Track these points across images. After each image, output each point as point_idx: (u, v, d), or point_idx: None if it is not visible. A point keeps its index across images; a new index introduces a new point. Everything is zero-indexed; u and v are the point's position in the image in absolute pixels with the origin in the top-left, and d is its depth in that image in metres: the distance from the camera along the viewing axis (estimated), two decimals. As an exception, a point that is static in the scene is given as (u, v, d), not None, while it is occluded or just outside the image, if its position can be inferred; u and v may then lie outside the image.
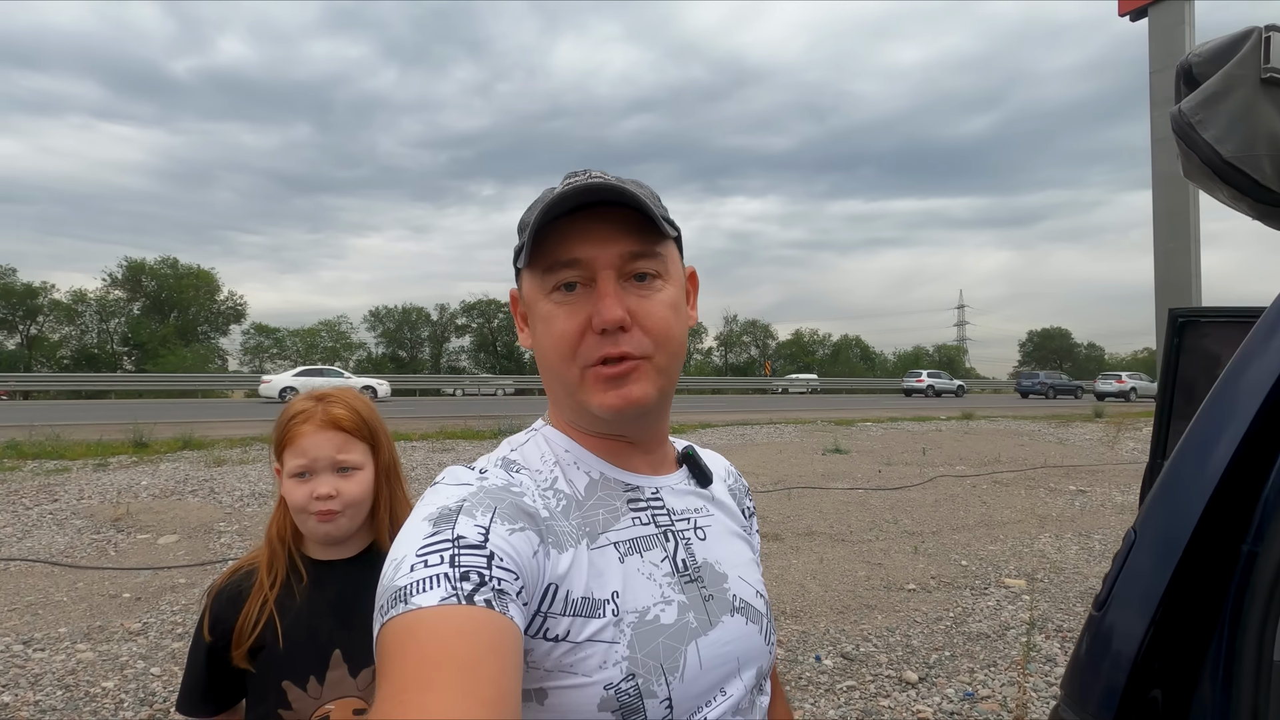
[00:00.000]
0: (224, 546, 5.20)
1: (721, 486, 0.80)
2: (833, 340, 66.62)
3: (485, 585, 0.52)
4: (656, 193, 0.72)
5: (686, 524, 0.72)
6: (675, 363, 0.68)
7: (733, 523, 0.78)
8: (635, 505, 0.69)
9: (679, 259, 0.71)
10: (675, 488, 0.74)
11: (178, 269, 46.17)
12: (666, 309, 0.66)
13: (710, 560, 0.71)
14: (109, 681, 3.06)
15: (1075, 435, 13.50)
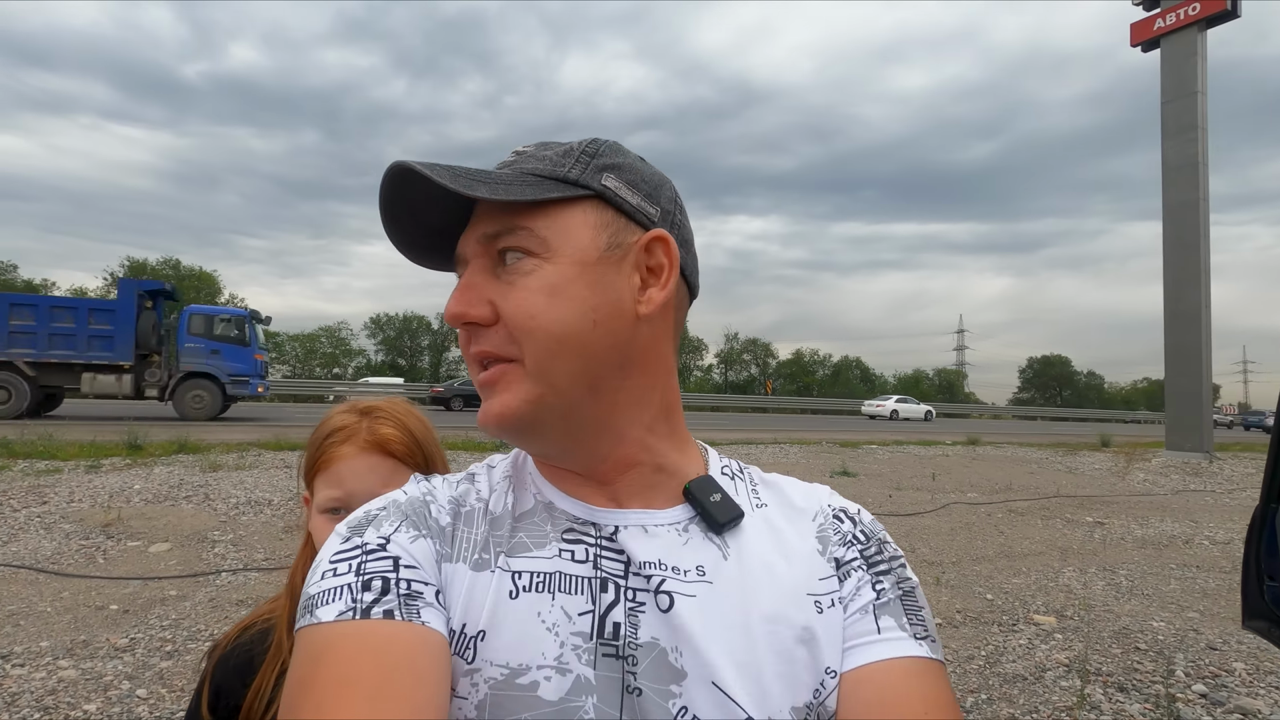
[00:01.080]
0: (218, 557, 5.00)
1: (768, 533, 0.56)
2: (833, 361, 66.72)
3: (389, 593, 0.47)
4: (601, 144, 0.56)
5: (644, 581, 0.52)
6: (559, 363, 0.51)
7: (767, 594, 0.52)
8: (573, 538, 0.54)
9: (594, 226, 0.53)
10: (651, 527, 0.54)
11: (180, 270, 46.13)
12: (534, 294, 0.51)
13: (667, 642, 0.50)
14: (91, 704, 2.85)
15: (1083, 464, 13.31)
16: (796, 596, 0.53)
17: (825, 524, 0.58)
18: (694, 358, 61.10)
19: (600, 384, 0.53)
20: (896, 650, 0.51)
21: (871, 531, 0.59)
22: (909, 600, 0.55)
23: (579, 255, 0.52)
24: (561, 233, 0.52)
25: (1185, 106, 14.65)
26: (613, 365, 0.53)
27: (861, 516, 0.60)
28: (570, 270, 0.51)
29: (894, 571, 0.56)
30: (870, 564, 0.56)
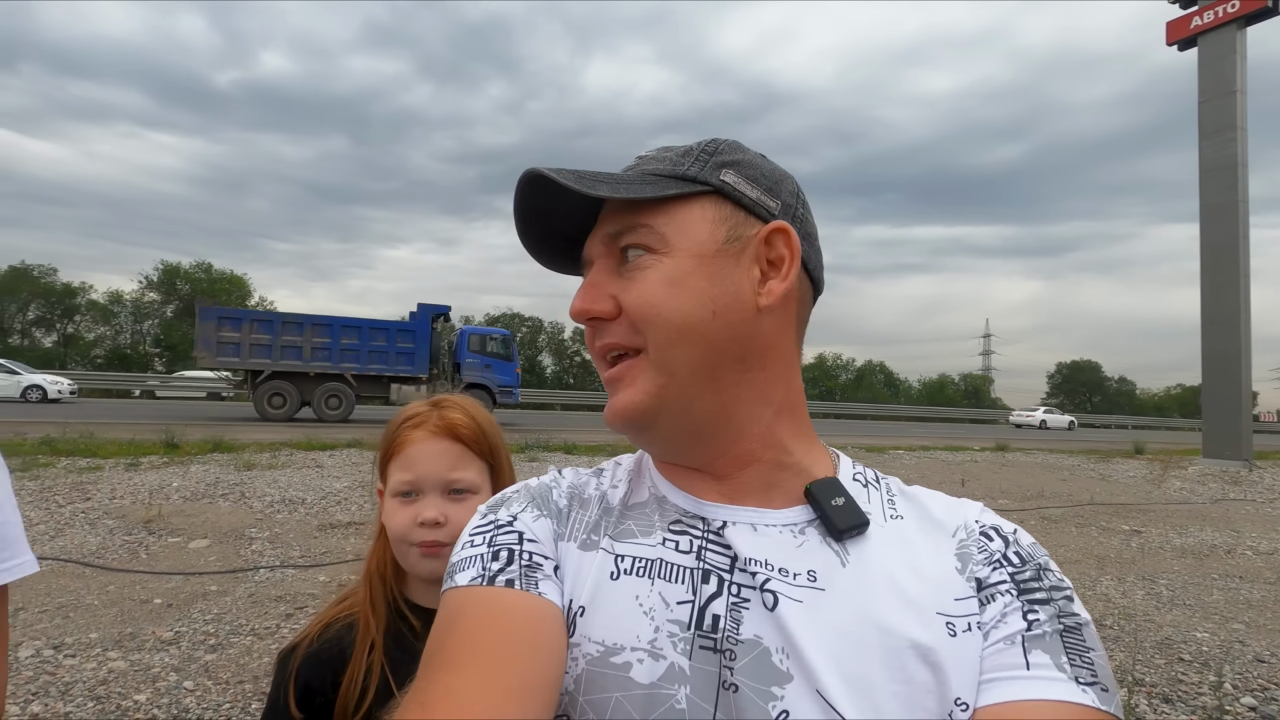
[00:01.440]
0: (255, 554, 5.09)
1: (899, 545, 0.52)
2: (856, 365, 66.07)
3: (512, 564, 0.51)
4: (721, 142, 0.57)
5: (749, 578, 0.50)
6: (679, 352, 0.51)
7: (888, 607, 0.49)
8: (679, 529, 0.54)
9: (713, 220, 0.53)
10: (761, 526, 0.53)
11: (211, 273, 47.14)
12: (654, 285, 0.52)
13: (771, 642, 0.48)
14: (141, 695, 2.93)
15: (1117, 472, 13.04)
16: (924, 614, 0.48)
17: (968, 540, 0.53)
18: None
19: (720, 375, 0.53)
20: (1049, 691, 0.44)
21: (1029, 554, 0.52)
22: (1072, 637, 0.47)
23: (697, 249, 0.52)
24: (680, 228, 0.53)
25: (1223, 106, 14.31)
26: (733, 357, 0.53)
27: (1018, 537, 0.54)
28: (688, 263, 0.52)
29: (1055, 602, 0.49)
30: (1023, 589, 0.49)
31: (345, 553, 5.19)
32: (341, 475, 8.49)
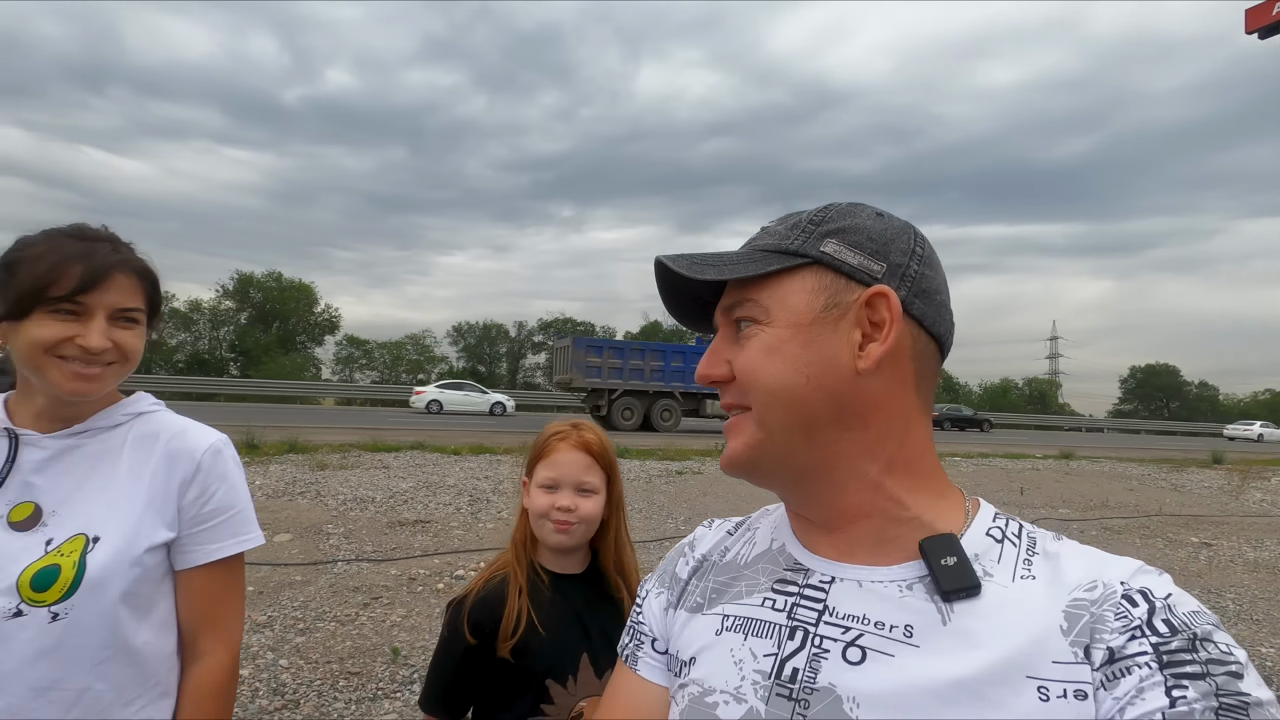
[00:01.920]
0: (332, 548, 5.48)
1: (1010, 609, 0.50)
2: (913, 369, 64.26)
3: (630, 641, 0.70)
4: (829, 211, 0.60)
5: (840, 632, 0.53)
6: (775, 413, 0.56)
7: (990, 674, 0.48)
8: (780, 587, 0.59)
9: (810, 291, 0.57)
10: (870, 582, 0.55)
11: (281, 282, 49.47)
12: (755, 353, 0.58)
13: (843, 693, 0.51)
14: (244, 670, 3.27)
15: (1192, 482, 12.47)
16: (1010, 673, 0.47)
17: (1099, 602, 0.48)
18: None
19: (815, 434, 0.55)
20: None
21: (1184, 623, 0.46)
22: (1231, 717, 0.42)
23: (794, 318, 0.56)
24: (780, 300, 0.57)
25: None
26: (828, 417, 0.55)
27: (1172, 602, 0.48)
28: (785, 332, 0.56)
29: (1210, 678, 0.43)
30: (1168, 663, 0.44)
31: (414, 549, 5.54)
32: (407, 476, 8.94)
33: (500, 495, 8.02)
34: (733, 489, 9.61)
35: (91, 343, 0.92)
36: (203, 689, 1.01)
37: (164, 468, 1.00)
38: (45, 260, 0.91)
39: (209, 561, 1.02)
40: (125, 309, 0.97)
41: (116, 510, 0.96)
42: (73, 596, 0.90)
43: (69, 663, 0.91)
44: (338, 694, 3.07)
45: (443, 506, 7.25)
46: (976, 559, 0.53)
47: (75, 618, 0.91)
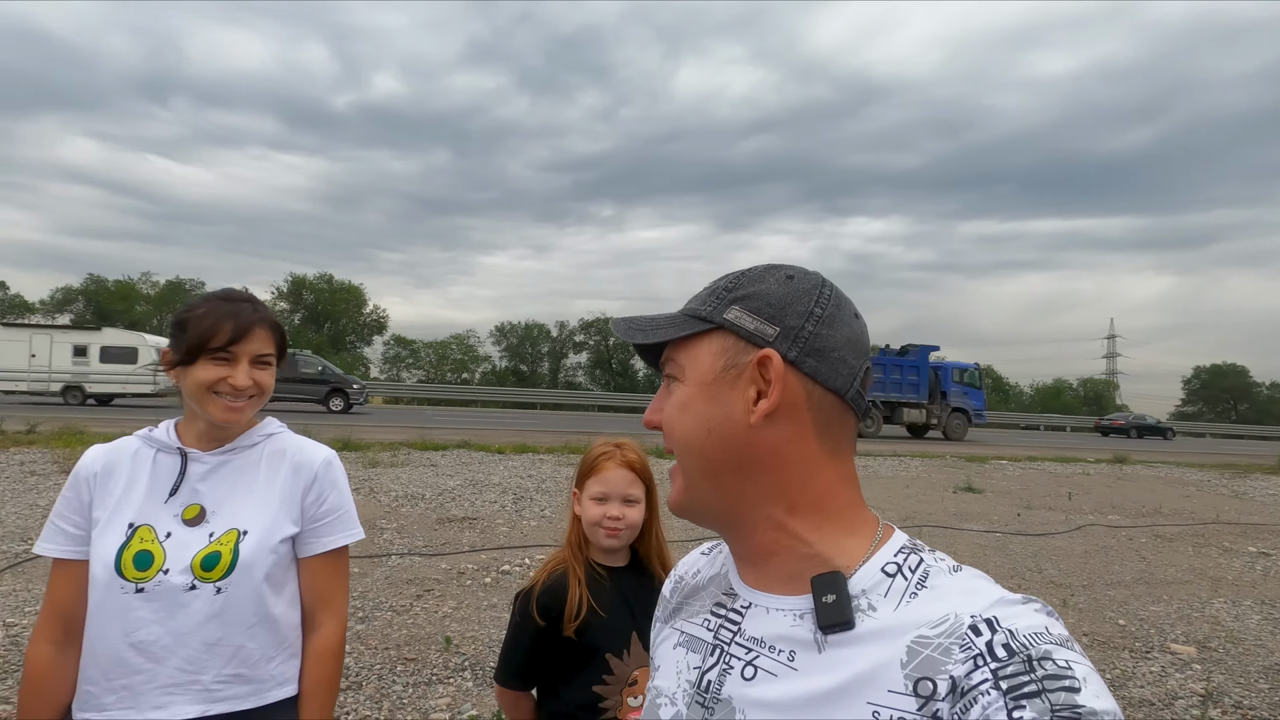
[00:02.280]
0: (386, 542, 5.77)
1: (874, 643, 0.55)
2: (961, 369, 62.48)
3: None
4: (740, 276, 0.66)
5: (745, 652, 0.61)
6: (690, 461, 0.63)
7: (837, 697, 0.54)
8: (715, 609, 0.68)
9: (713, 354, 0.63)
10: (774, 610, 0.62)
11: (332, 284, 51.11)
12: (672, 409, 0.66)
13: (735, 704, 0.60)
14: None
15: (1255, 489, 11.97)
16: (854, 704, 0.53)
17: (943, 634, 0.53)
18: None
19: (720, 481, 0.63)
20: None
21: (1021, 646, 0.49)
22: None
23: (700, 378, 0.64)
24: (692, 360, 0.65)
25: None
26: (729, 466, 0.62)
27: (1015, 625, 0.51)
28: (694, 390, 0.64)
29: (1046, 695, 0.46)
30: (1007, 687, 0.48)
31: (462, 544, 5.79)
32: (454, 474, 9.26)
33: (542, 493, 8.26)
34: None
35: (239, 383, 1.20)
36: (320, 652, 1.26)
37: (290, 477, 1.26)
38: (206, 320, 1.20)
39: (323, 551, 1.28)
40: (262, 354, 1.24)
41: (258, 510, 1.22)
42: (230, 575, 1.16)
43: (229, 626, 1.16)
44: (395, 677, 3.30)
45: (488, 504, 7.52)
46: (864, 594, 0.58)
47: (232, 592, 1.16)
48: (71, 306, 44.85)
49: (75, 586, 1.17)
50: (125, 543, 1.15)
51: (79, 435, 10.60)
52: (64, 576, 1.18)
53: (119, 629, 1.13)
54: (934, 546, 0.63)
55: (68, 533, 1.19)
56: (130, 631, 1.12)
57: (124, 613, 1.13)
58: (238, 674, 1.17)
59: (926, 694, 0.51)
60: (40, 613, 1.20)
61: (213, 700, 1.15)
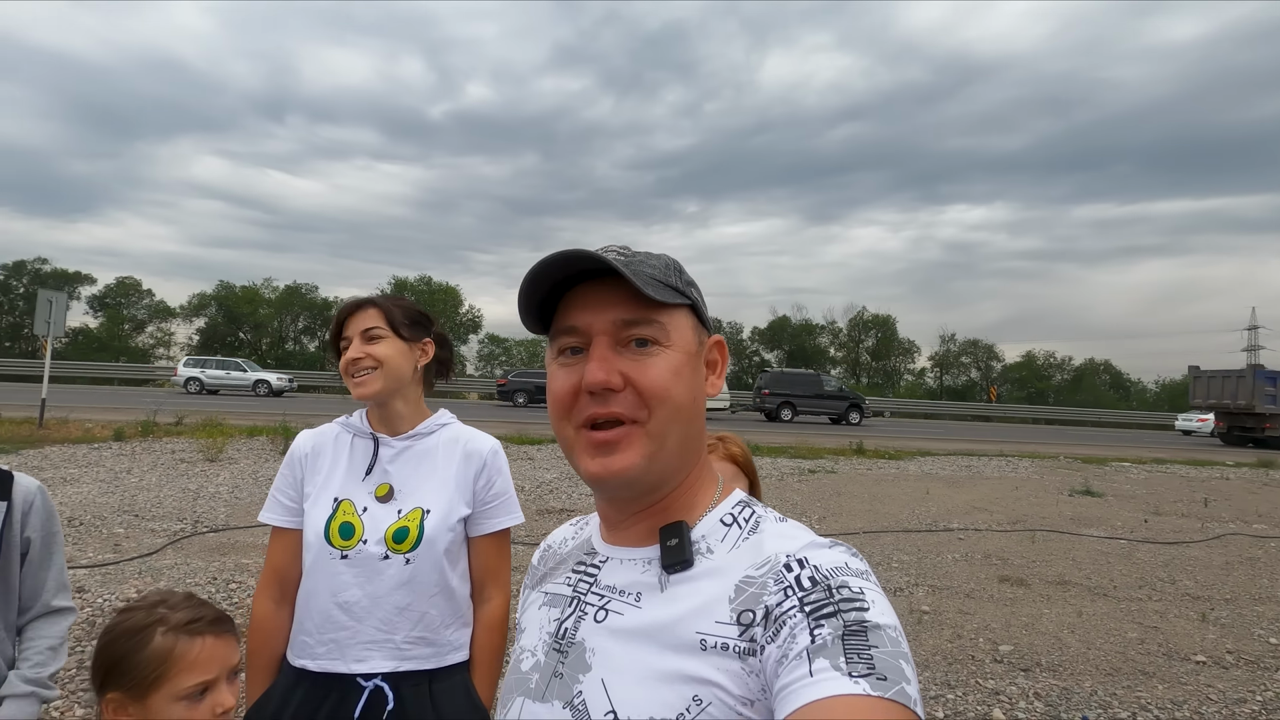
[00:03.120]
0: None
1: (709, 579, 0.62)
2: (1073, 364, 58.35)
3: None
4: (674, 262, 0.71)
5: (599, 599, 0.66)
6: (674, 428, 0.64)
7: (671, 626, 0.60)
8: (576, 568, 0.71)
9: (690, 328, 0.68)
10: (626, 560, 0.67)
11: (431, 285, 53.72)
12: (664, 371, 0.64)
13: (588, 645, 0.64)
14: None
15: None
16: (683, 626, 0.60)
17: (763, 574, 0.60)
18: (904, 360, 57.35)
19: (685, 448, 0.67)
20: (823, 690, 0.50)
21: (824, 578, 0.57)
22: (853, 639, 0.52)
23: (687, 348, 0.67)
24: (678, 330, 0.66)
25: None
26: (695, 434, 0.68)
27: (818, 561, 0.59)
28: (683, 358, 0.66)
29: (841, 615, 0.54)
30: (810, 610, 0.55)
31: (562, 535, 5.99)
32: (550, 467, 9.56)
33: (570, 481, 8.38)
34: (867, 489, 9.39)
35: (351, 355, 1.35)
36: (490, 623, 1.40)
37: (463, 463, 1.39)
38: (333, 316, 1.42)
39: (490, 532, 1.40)
40: (368, 329, 1.37)
41: (438, 492, 1.35)
42: (417, 549, 1.30)
43: (416, 593, 1.30)
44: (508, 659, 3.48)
45: (584, 497, 7.72)
46: (703, 539, 0.65)
47: (419, 564, 1.30)
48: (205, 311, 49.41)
49: (290, 552, 1.36)
50: (331, 515, 1.32)
51: (219, 427, 11.70)
52: (280, 543, 1.37)
53: (328, 590, 1.29)
54: (1048, 553, 0.64)
55: (284, 505, 1.37)
56: (336, 592, 1.28)
57: (332, 576, 1.29)
58: (422, 637, 1.31)
59: (747, 622, 0.58)
60: (261, 573, 1.39)
61: (403, 659, 1.29)
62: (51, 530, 1.40)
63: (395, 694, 1.28)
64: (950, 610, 4.60)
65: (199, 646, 1.04)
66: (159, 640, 1.03)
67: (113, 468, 8.06)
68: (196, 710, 1.03)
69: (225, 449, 9.72)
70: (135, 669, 1.02)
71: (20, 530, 1.33)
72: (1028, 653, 3.92)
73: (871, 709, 0.49)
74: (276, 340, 50.25)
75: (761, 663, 0.56)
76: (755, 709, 0.56)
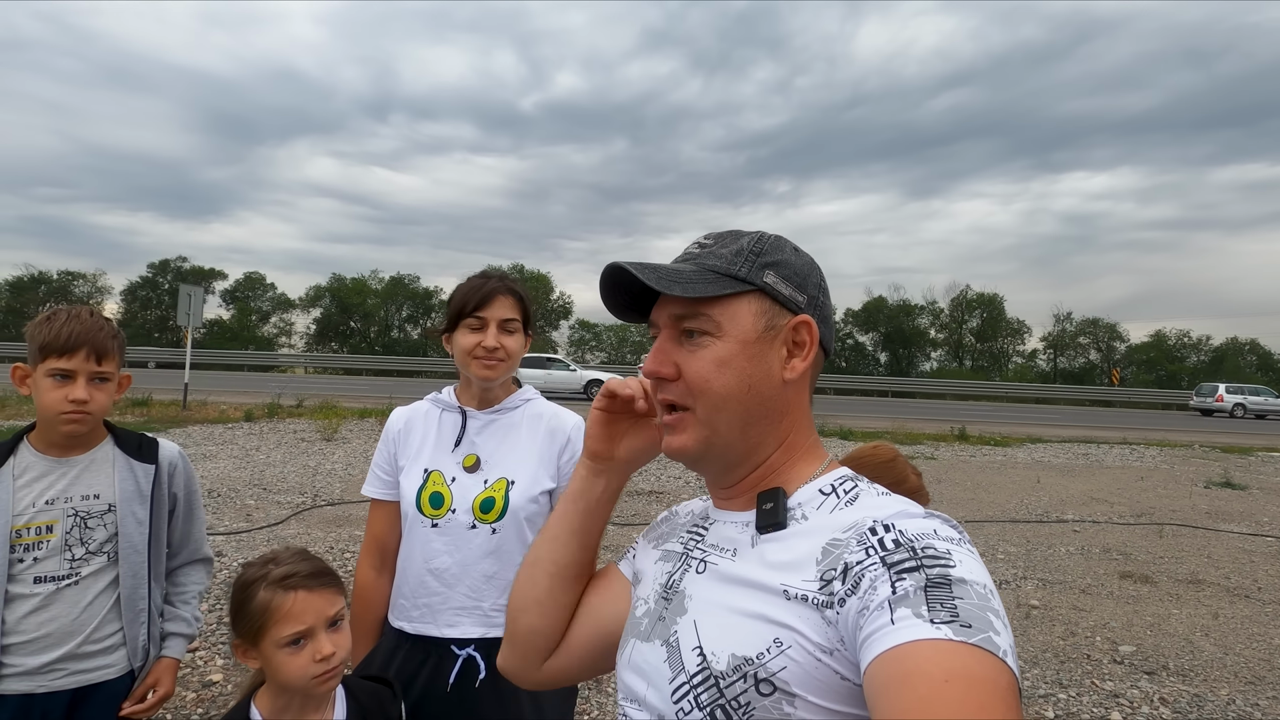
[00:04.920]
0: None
1: (799, 539, 0.66)
2: (1212, 344, 52.79)
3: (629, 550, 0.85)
4: (755, 245, 0.72)
5: (703, 554, 0.73)
6: (721, 415, 0.68)
7: (759, 577, 0.65)
8: (689, 529, 0.78)
9: (753, 314, 0.69)
10: (729, 521, 0.73)
11: (524, 273, 55.31)
12: (707, 363, 0.68)
13: (687, 591, 0.70)
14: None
15: None
16: (771, 583, 0.64)
17: (848, 536, 0.62)
18: (1013, 342, 53.71)
19: (749, 430, 0.70)
20: (904, 636, 0.51)
21: (908, 540, 0.58)
22: (936, 590, 0.53)
23: (742, 336, 0.69)
24: (731, 318, 0.69)
25: None
26: (759, 416, 0.70)
27: (904, 528, 0.60)
28: (735, 347, 0.69)
29: (924, 569, 0.55)
30: (892, 565, 0.57)
31: (650, 515, 6.06)
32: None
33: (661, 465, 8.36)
34: (970, 477, 8.91)
35: (488, 343, 1.38)
36: None
37: (547, 438, 1.44)
38: (461, 292, 1.43)
39: None
40: (506, 319, 1.41)
41: (522, 464, 1.41)
42: (502, 519, 1.36)
43: (501, 562, 1.36)
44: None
45: (673, 479, 7.78)
46: (799, 506, 0.69)
47: (504, 532, 1.36)
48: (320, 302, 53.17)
49: (388, 522, 1.45)
50: (422, 485, 1.39)
51: (334, 409, 12.60)
52: (380, 514, 1.47)
53: (420, 557, 1.37)
54: (1179, 549, 0.62)
55: (382, 479, 1.47)
56: (428, 559, 1.36)
57: (424, 543, 1.37)
58: None
59: (829, 578, 0.61)
60: (363, 543, 1.50)
61: (490, 625, 1.36)
62: (192, 489, 1.58)
63: (486, 663, 1.33)
64: (1062, 606, 4.30)
65: (292, 600, 1.14)
66: (260, 594, 1.15)
67: (244, 445, 8.85)
68: (298, 657, 1.13)
69: (339, 429, 10.46)
70: (246, 619, 1.14)
71: (168, 488, 1.52)
72: (1153, 655, 3.62)
73: (953, 653, 0.49)
74: (383, 329, 53.35)
75: (840, 615, 0.58)
76: (834, 658, 0.58)
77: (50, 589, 1.35)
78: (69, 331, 1.33)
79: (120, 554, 1.42)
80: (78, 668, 1.37)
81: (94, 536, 1.40)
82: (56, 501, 1.38)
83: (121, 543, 1.42)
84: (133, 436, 1.51)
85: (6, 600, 1.33)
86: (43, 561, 1.35)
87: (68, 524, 1.38)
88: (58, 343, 1.33)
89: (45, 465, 1.39)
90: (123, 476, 1.44)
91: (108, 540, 1.42)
